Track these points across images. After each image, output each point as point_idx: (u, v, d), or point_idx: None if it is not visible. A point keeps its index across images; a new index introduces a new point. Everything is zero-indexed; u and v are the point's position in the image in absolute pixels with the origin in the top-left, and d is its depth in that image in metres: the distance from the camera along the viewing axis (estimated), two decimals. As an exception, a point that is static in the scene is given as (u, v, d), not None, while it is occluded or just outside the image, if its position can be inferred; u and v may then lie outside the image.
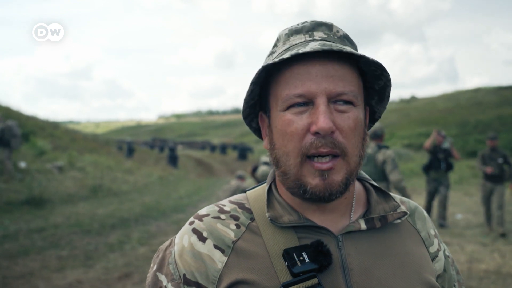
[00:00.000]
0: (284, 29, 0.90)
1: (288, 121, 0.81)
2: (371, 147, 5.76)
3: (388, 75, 0.83)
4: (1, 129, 10.99)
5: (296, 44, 0.84)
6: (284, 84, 0.82)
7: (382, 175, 5.50)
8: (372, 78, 0.86)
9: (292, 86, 0.80)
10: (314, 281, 0.79)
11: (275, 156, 0.85)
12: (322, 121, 0.76)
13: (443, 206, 8.00)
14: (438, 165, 7.97)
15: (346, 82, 0.80)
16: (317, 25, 0.86)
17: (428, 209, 8.12)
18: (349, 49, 0.79)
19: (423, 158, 21.11)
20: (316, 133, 0.78)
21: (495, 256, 6.01)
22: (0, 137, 11.05)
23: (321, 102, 0.78)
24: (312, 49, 0.76)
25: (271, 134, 0.86)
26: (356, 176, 0.84)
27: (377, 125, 5.90)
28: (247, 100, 0.88)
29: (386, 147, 5.75)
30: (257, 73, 0.82)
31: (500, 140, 7.57)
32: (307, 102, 0.80)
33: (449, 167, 8.02)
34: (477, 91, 48.38)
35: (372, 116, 0.93)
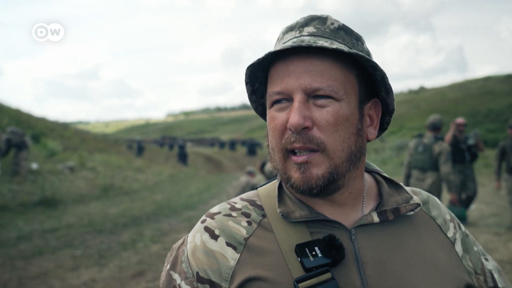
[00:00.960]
0: (284, 27, 0.91)
1: (271, 118, 0.84)
2: (428, 137, 6.02)
3: (377, 65, 0.81)
4: (6, 139, 11.24)
5: (286, 41, 0.86)
6: (269, 81, 0.85)
7: (435, 165, 5.83)
8: (371, 69, 0.84)
9: (274, 84, 0.83)
10: (328, 275, 0.79)
11: (269, 152, 0.88)
12: (292, 117, 0.78)
13: (471, 202, 7.48)
14: (462, 157, 7.30)
15: (325, 77, 0.79)
16: (310, 20, 0.87)
17: (460, 202, 7.30)
18: (321, 43, 0.79)
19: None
20: (290, 129, 0.80)
21: (509, 246, 5.96)
22: (10, 145, 11.29)
23: (296, 99, 0.79)
24: (282, 47, 0.78)
25: (267, 131, 0.89)
26: (348, 172, 0.83)
27: (436, 117, 6.22)
28: (253, 99, 0.92)
29: (442, 139, 6.00)
30: (245, 73, 0.85)
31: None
32: (288, 99, 0.81)
33: (474, 157, 7.43)
34: (487, 79, 47.87)
35: (387, 108, 0.91)
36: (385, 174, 0.96)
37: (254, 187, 6.26)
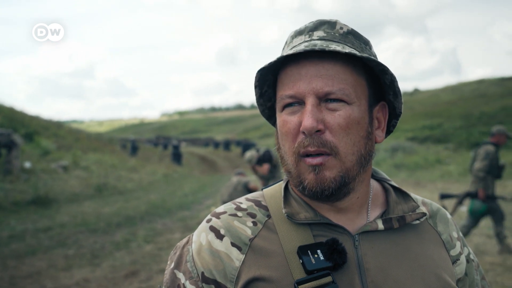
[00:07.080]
0: (291, 31, 0.91)
1: (283, 121, 0.84)
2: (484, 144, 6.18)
3: (388, 68, 0.82)
4: None
5: (296, 45, 0.86)
6: (280, 85, 0.85)
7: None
8: (380, 73, 0.85)
9: (285, 87, 0.83)
10: (328, 279, 0.79)
11: (280, 155, 0.88)
12: (306, 120, 0.78)
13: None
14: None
15: (336, 81, 0.80)
16: (319, 24, 0.87)
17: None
18: (333, 47, 0.79)
19: (427, 151, 21.04)
20: (303, 133, 0.80)
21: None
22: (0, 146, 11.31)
23: (308, 102, 0.80)
24: (295, 51, 0.78)
25: (277, 134, 0.89)
26: (358, 175, 0.84)
27: (496, 126, 6.32)
28: (261, 103, 0.92)
29: (492, 143, 6.01)
30: (255, 77, 0.86)
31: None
32: (300, 102, 0.81)
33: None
34: (480, 82, 48.20)
35: (394, 111, 0.92)
36: (393, 183, 0.96)
37: (246, 184, 6.33)
